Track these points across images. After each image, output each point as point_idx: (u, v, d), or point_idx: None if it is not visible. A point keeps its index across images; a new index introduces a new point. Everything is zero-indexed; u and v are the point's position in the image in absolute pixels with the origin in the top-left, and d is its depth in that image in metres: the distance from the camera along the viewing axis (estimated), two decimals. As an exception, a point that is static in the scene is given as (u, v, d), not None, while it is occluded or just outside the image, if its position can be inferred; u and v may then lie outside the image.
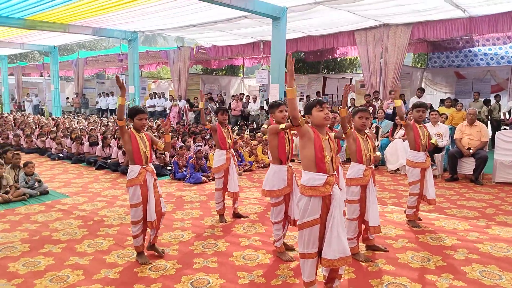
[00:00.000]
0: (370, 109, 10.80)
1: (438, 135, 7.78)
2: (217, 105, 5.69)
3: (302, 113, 3.60)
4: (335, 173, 2.99)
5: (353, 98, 13.74)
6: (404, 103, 11.26)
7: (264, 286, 3.40)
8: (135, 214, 3.88)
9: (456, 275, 3.54)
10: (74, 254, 4.14)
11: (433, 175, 7.57)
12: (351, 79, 17.00)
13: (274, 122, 4.18)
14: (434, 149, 7.65)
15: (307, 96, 16.21)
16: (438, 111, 8.25)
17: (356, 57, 17.79)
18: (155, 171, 4.09)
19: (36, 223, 5.18)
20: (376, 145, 8.83)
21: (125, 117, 3.84)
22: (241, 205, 5.73)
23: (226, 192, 5.22)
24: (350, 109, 12.48)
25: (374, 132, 9.01)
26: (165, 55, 18.01)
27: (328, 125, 3.91)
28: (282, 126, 3.67)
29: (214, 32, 14.00)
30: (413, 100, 10.59)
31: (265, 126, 4.76)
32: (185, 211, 5.65)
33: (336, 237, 2.82)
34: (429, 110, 9.85)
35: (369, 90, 12.22)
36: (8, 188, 6.29)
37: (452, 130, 8.39)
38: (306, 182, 2.89)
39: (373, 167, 3.94)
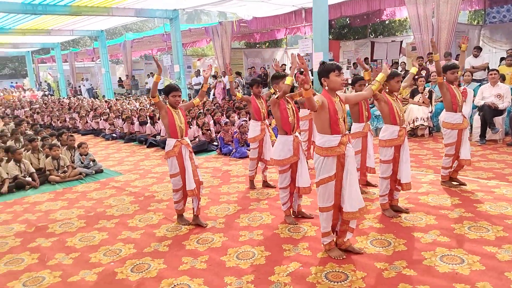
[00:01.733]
0: (423, 72, 10.18)
1: (498, 96, 7.19)
2: (251, 79, 5.64)
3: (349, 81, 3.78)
4: (347, 132, 3.21)
5: (404, 62, 12.99)
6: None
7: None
8: (175, 183, 4.21)
9: (520, 246, 3.27)
10: (126, 228, 4.31)
11: (494, 139, 7.19)
12: (401, 42, 16.03)
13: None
14: (494, 112, 7.11)
15: (354, 63, 15.55)
16: (497, 71, 7.59)
17: (406, 18, 16.72)
18: (190, 144, 4.30)
19: (91, 200, 5.45)
20: (430, 110, 8.40)
21: (157, 94, 4.01)
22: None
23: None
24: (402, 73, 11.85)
25: (427, 96, 8.50)
26: (207, 31, 17.98)
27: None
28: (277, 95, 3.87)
29: (255, 3, 13.69)
30: (470, 60, 9.83)
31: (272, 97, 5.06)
32: (231, 185, 5.68)
33: (355, 190, 3.15)
34: (487, 70, 9.14)
35: (421, 52, 11.47)
36: (65, 168, 6.65)
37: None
38: (322, 144, 3.12)
39: (406, 127, 4.14)
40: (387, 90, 3.97)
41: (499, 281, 2.80)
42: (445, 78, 4.71)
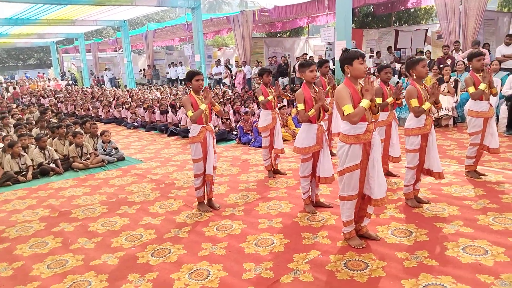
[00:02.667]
0: (449, 61, 9.89)
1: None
2: (261, 68, 5.64)
3: (373, 70, 3.77)
4: (374, 120, 3.16)
5: (429, 51, 12.64)
6: (489, 52, 10.15)
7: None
8: (197, 168, 4.26)
9: (548, 238, 3.16)
10: (147, 214, 4.38)
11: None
12: (427, 30, 15.61)
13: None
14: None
15: (377, 52, 15.24)
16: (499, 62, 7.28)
17: (432, 6, 16.24)
18: (214, 129, 4.35)
19: (113, 186, 5.55)
20: (455, 100, 8.17)
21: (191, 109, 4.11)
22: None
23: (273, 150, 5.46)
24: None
25: (452, 86, 8.27)
26: (228, 21, 17.91)
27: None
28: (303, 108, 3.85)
29: (276, -9, 13.56)
30: (501, 49, 9.47)
31: (260, 98, 5.24)
32: (250, 173, 5.68)
33: (382, 177, 3.16)
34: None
35: (447, 41, 11.14)
36: (88, 155, 6.79)
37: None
38: (348, 131, 3.07)
39: (432, 116, 3.99)
40: (414, 77, 3.86)
41: (525, 273, 2.72)
42: (471, 66, 4.58)
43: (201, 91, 4.15)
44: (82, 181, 5.97)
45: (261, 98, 5.27)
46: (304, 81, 3.99)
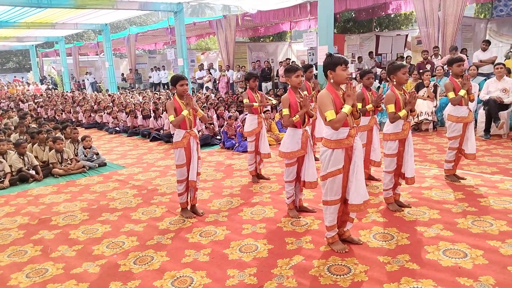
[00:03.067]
0: (428, 66, 10.09)
1: (504, 91, 7.13)
2: (248, 73, 5.63)
3: (354, 75, 3.81)
4: (355, 125, 3.21)
5: (410, 56, 12.88)
6: (467, 58, 10.41)
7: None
8: (180, 174, 4.24)
9: (524, 240, 3.25)
10: (129, 221, 4.32)
11: (499, 134, 7.13)
12: (407, 35, 15.90)
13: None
14: (499, 106, 7.05)
15: (359, 57, 15.44)
16: (504, 65, 7.51)
17: (411, 12, 16.57)
18: (198, 135, 4.32)
19: (94, 193, 5.46)
20: (434, 104, 8.33)
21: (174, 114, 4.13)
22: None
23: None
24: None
25: (432, 91, 8.44)
26: (211, 25, 17.91)
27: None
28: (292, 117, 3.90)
29: (259, -4, 13.63)
30: (478, 54, 9.73)
31: (245, 101, 5.24)
32: (234, 178, 5.68)
33: (361, 183, 3.16)
34: (494, 64, 9.03)
35: (426, 46, 11.38)
36: (69, 161, 6.68)
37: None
38: (330, 136, 3.11)
39: (410, 121, 4.07)
40: (394, 83, 3.93)
41: (502, 275, 2.79)
42: (451, 71, 4.69)
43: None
44: (62, 187, 5.86)
45: (246, 101, 5.27)
46: (290, 86, 4.02)
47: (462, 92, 4.51)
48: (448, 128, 4.77)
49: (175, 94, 4.23)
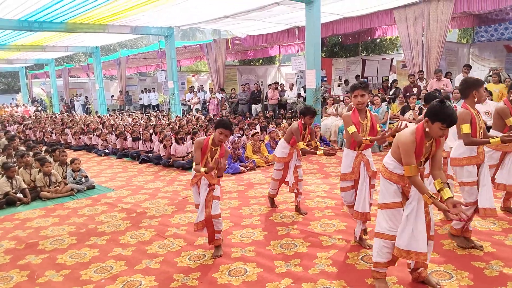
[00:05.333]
0: (415, 89, 10.36)
1: (487, 113, 7.33)
2: (305, 108, 5.20)
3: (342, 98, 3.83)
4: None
5: (395, 79, 13.21)
6: (451, 81, 10.72)
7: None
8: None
9: (508, 262, 3.31)
10: (117, 245, 4.29)
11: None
12: (392, 59, 16.34)
13: None
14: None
15: (345, 81, 15.78)
16: (486, 88, 7.74)
17: (397, 37, 17.06)
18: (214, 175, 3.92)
19: (83, 216, 5.42)
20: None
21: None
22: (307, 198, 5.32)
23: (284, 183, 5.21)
24: (392, 91, 12.06)
25: (417, 113, 8.64)
26: (201, 48, 18.18)
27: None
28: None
29: (248, 22, 13.91)
30: (459, 78, 10.03)
31: (301, 144, 4.73)
32: (223, 201, 5.67)
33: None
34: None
35: (411, 70, 11.71)
36: (57, 184, 6.63)
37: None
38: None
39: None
40: (475, 100, 3.68)
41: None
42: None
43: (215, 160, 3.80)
44: (50, 211, 5.81)
45: (301, 144, 4.71)
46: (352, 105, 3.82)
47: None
48: None
49: (212, 135, 3.87)
